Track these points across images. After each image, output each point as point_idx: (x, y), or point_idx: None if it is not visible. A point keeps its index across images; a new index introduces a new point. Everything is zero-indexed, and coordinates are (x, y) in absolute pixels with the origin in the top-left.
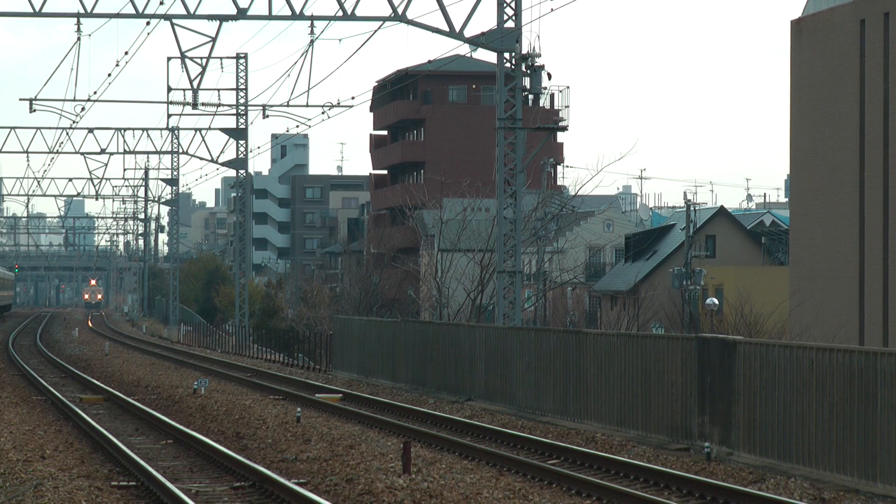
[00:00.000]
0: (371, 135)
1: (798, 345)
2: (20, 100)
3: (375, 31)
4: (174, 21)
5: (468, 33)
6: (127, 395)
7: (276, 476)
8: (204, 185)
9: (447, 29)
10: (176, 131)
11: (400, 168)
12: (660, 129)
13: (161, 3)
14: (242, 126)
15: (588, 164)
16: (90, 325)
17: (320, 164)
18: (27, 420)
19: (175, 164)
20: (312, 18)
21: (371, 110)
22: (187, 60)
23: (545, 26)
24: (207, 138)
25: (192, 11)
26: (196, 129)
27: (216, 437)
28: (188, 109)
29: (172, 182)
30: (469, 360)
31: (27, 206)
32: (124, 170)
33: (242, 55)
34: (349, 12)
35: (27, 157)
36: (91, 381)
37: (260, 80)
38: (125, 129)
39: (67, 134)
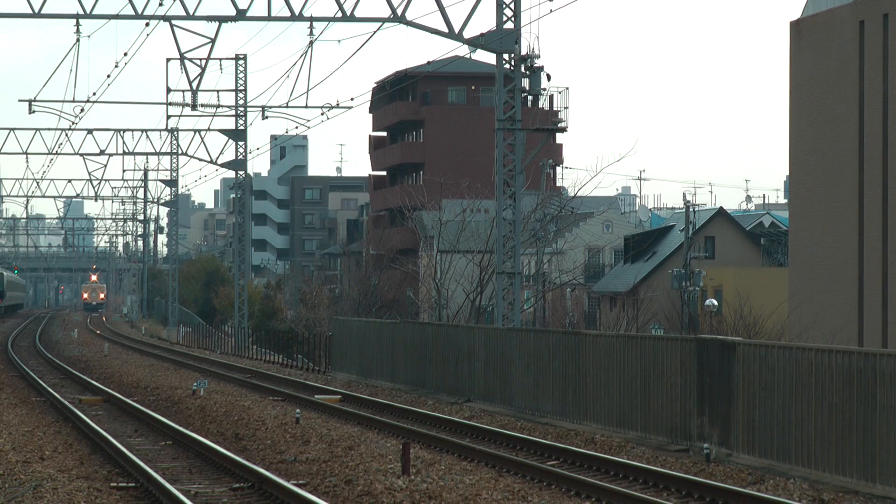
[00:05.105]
0: (370, 136)
1: (797, 346)
2: (19, 101)
3: (375, 32)
4: (173, 22)
5: (467, 34)
6: (126, 396)
7: (276, 477)
8: (203, 186)
9: (446, 30)
10: (175, 132)
11: (399, 169)
12: (659, 129)
13: (160, 5)
14: (242, 127)
15: (587, 166)
16: (92, 329)
17: (319, 165)
18: (26, 421)
19: (174, 165)
20: (312, 19)
21: (370, 111)
22: (186, 61)
23: (544, 27)
24: (207, 139)
25: (191, 12)
26: (195, 131)
27: (215, 439)
28: (187, 111)
29: (172, 183)
30: (468, 362)
31: (26, 208)
32: (123, 171)
33: (241, 56)
34: (348, 13)
35: (26, 158)
36: (90, 382)
37: (259, 82)
38: (124, 131)
39: (66, 135)
